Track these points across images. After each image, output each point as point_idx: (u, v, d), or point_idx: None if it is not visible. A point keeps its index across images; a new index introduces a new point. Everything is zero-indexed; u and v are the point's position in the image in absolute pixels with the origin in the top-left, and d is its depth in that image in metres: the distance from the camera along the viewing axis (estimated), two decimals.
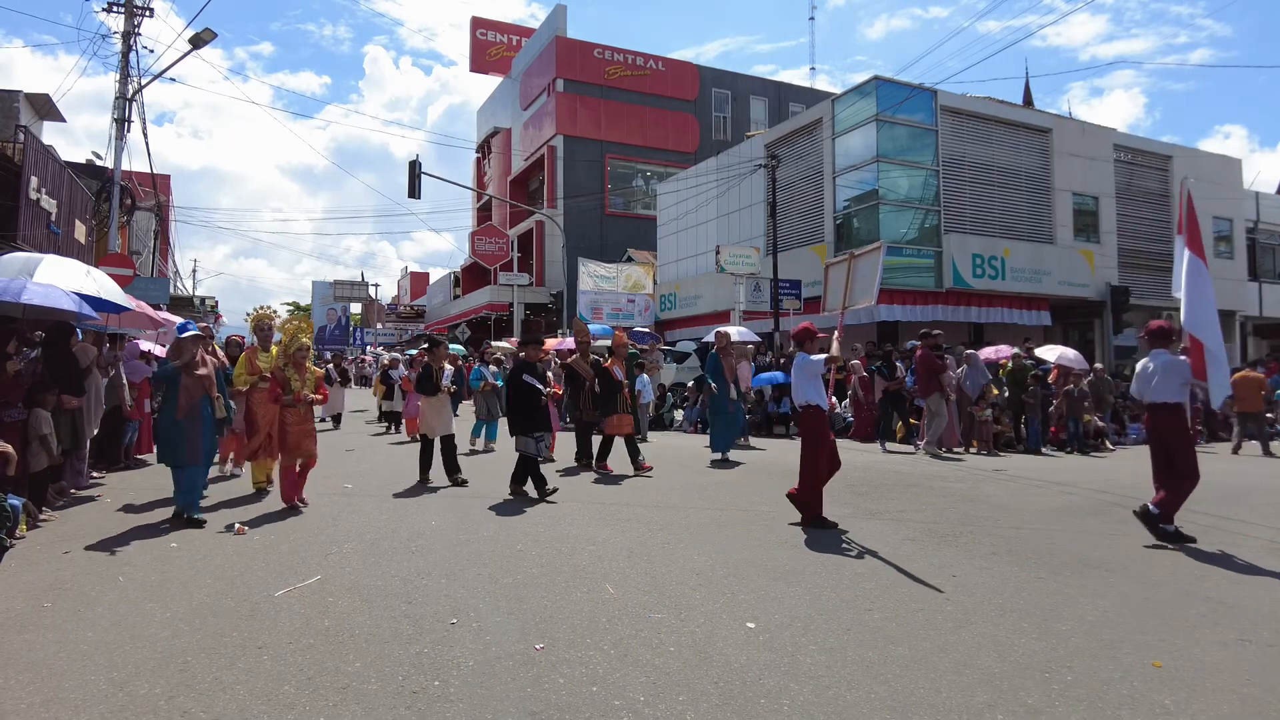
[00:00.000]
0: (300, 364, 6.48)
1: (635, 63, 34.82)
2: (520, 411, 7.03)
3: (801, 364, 6.08)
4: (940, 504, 6.88)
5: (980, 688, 2.98)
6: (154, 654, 3.21)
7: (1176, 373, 5.65)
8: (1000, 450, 11.50)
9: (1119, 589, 4.35)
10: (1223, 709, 2.85)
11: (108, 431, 7.87)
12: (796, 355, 6.23)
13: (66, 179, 14.92)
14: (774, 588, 4.24)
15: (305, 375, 6.50)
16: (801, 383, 6.04)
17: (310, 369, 6.61)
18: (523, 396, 7.04)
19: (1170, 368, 5.67)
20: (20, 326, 6.57)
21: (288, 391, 6.37)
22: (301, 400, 6.37)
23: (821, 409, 5.99)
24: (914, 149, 18.38)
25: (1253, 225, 24.10)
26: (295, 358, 6.46)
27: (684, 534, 5.54)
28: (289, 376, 6.41)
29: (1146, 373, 5.82)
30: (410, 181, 20.70)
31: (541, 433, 7.04)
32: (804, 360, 6.08)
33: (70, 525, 5.66)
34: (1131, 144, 21.78)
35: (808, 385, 6.01)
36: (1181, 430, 5.68)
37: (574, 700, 2.83)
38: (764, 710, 2.78)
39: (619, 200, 34.44)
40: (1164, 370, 5.67)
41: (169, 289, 19.61)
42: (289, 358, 6.48)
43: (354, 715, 2.70)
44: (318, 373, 6.74)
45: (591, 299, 23.70)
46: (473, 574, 4.42)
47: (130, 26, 15.79)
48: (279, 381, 6.41)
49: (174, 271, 27.39)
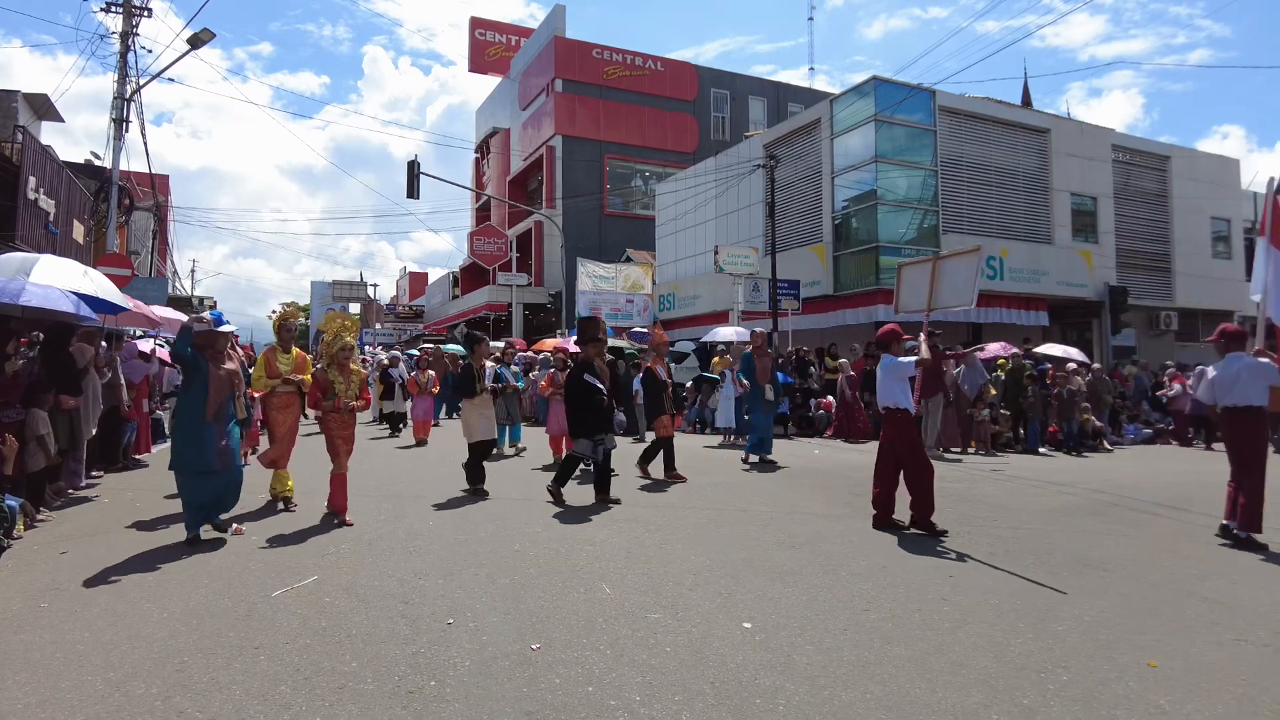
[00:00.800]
0: (344, 365, 5.99)
1: (634, 63, 34.81)
2: (582, 413, 6.70)
3: (890, 366, 5.97)
4: (938, 504, 6.88)
5: (976, 688, 2.99)
6: (151, 654, 3.21)
7: (1263, 375, 5.58)
8: (998, 450, 11.52)
9: (1116, 589, 4.36)
10: (1217, 709, 2.86)
11: (106, 432, 7.86)
12: (883, 358, 6.11)
13: (65, 179, 14.91)
14: (771, 588, 4.25)
15: (349, 378, 6.00)
16: (890, 385, 5.95)
17: (354, 370, 6.09)
18: (585, 397, 6.68)
19: (1256, 370, 5.59)
20: (18, 327, 6.57)
21: (330, 395, 5.88)
22: (343, 407, 5.88)
23: (909, 412, 5.94)
24: (912, 149, 18.38)
25: (1251, 226, 24.11)
26: (339, 358, 5.97)
27: (681, 534, 5.54)
28: (332, 379, 5.92)
29: (1226, 376, 5.69)
30: (409, 182, 20.69)
31: (603, 435, 6.75)
32: (893, 363, 5.97)
33: (68, 525, 5.65)
34: (1130, 144, 21.80)
35: (896, 388, 5.93)
36: (1263, 432, 5.63)
37: (570, 700, 2.83)
38: (759, 710, 2.78)
39: (618, 200, 34.43)
40: (1249, 373, 5.59)
41: (167, 289, 19.58)
42: (331, 358, 5.99)
43: (350, 715, 2.70)
44: (361, 374, 6.20)
45: (590, 299, 23.70)
46: (470, 574, 4.42)
47: (128, 26, 15.77)
48: (321, 385, 5.95)
49: (172, 272, 27.34)
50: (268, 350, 6.66)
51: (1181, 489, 8.12)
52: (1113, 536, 5.74)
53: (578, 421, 6.75)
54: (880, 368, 6.10)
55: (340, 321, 6.13)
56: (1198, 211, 22.04)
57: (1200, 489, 8.04)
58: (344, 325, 6.09)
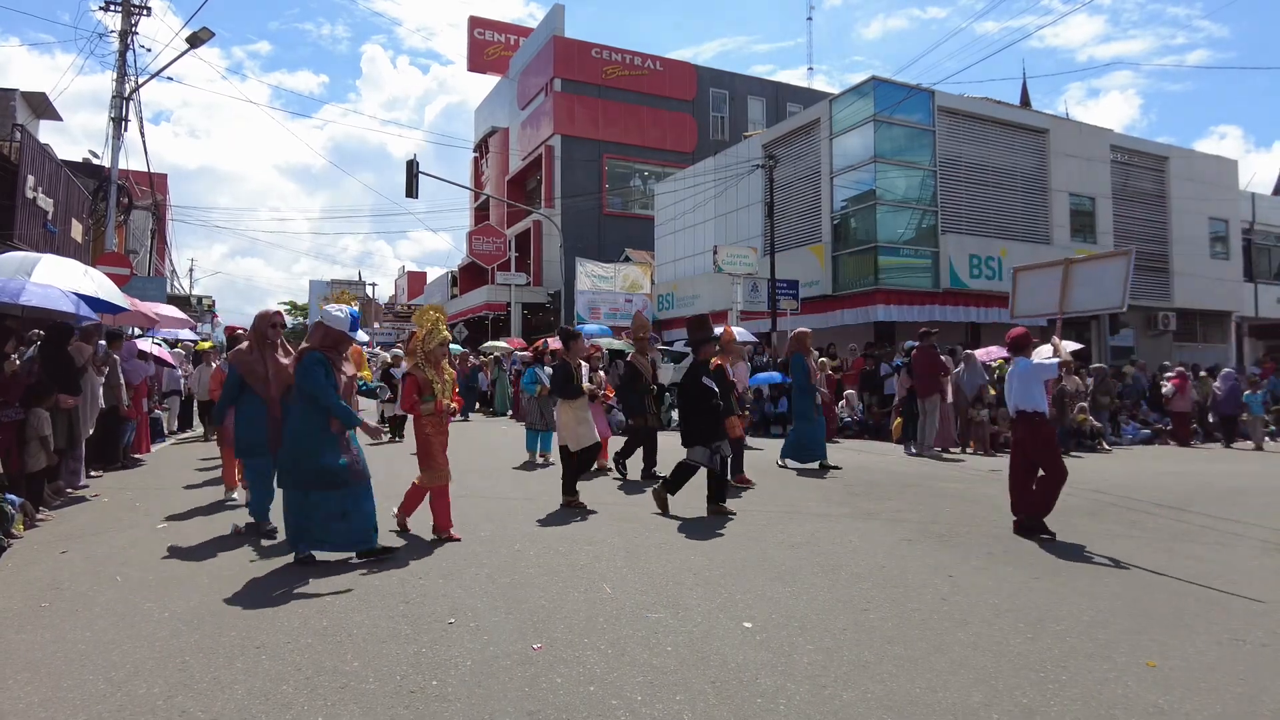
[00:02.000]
0: (438, 363, 5.36)
1: (633, 62, 34.79)
2: (699, 418, 6.22)
3: (1027, 369, 5.82)
4: (937, 504, 6.91)
5: (976, 687, 3.00)
6: (152, 653, 3.21)
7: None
8: (997, 451, 11.53)
9: (1114, 589, 4.38)
10: (1216, 708, 2.87)
11: (105, 431, 7.85)
12: (1016, 361, 5.95)
13: (63, 178, 14.89)
14: (771, 587, 4.26)
15: (445, 377, 5.39)
16: (1027, 388, 5.82)
17: (447, 369, 5.49)
18: (702, 400, 6.24)
19: None
20: (17, 326, 6.56)
21: (428, 396, 5.25)
22: (444, 410, 5.31)
23: (1045, 414, 5.84)
24: (911, 149, 18.39)
25: (1249, 226, 24.16)
26: (436, 354, 5.32)
27: (682, 534, 5.55)
28: (430, 378, 5.26)
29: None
30: (408, 181, 20.67)
31: (719, 442, 6.23)
32: (1030, 365, 5.83)
33: (68, 525, 5.65)
34: (1128, 145, 21.83)
35: (1035, 390, 5.81)
36: None
37: (571, 700, 2.84)
38: (760, 709, 2.79)
39: (617, 200, 34.42)
40: None
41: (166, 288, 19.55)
42: (427, 354, 5.31)
43: (352, 715, 2.71)
44: (452, 373, 5.61)
45: (589, 299, 23.71)
46: (470, 573, 4.42)
47: (127, 25, 15.75)
48: (419, 384, 5.27)
49: (171, 271, 27.34)
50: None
51: (1180, 489, 8.14)
52: (1111, 537, 5.76)
53: (694, 427, 6.25)
54: (1016, 371, 5.92)
55: (435, 314, 5.43)
56: (1196, 212, 22.07)
57: (1196, 489, 8.07)
58: (439, 318, 5.41)
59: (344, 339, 4.72)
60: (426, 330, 5.30)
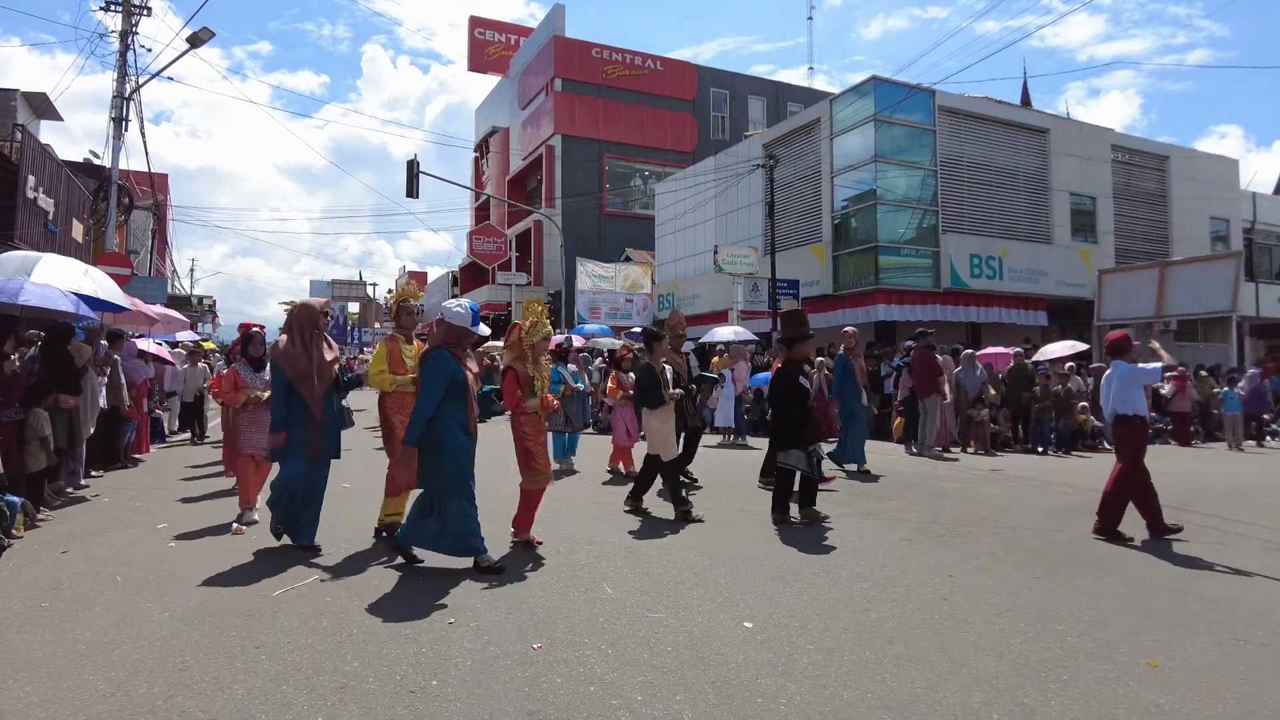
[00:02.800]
0: (539, 358, 5.11)
1: (633, 62, 34.81)
2: (795, 419, 5.98)
3: (1129, 373, 5.75)
4: (937, 504, 6.90)
5: (977, 687, 2.99)
6: (152, 653, 3.21)
7: None
8: (997, 450, 11.53)
9: (1115, 589, 4.37)
10: (1217, 708, 2.86)
11: (105, 431, 7.85)
12: (1115, 364, 5.90)
13: (64, 178, 14.89)
14: (771, 587, 4.25)
15: (545, 373, 5.16)
16: (1128, 392, 5.75)
17: (545, 365, 5.25)
18: (798, 401, 6.01)
19: None
20: (18, 326, 6.56)
21: (531, 393, 4.99)
22: (549, 406, 5.11)
23: (1145, 419, 5.80)
24: (912, 149, 18.40)
25: (1249, 226, 24.15)
26: (538, 350, 5.07)
27: (682, 534, 5.55)
28: (532, 374, 5.01)
29: None
30: (408, 181, 20.68)
31: (815, 444, 6.01)
32: (1132, 369, 5.75)
33: (68, 525, 5.65)
34: (1129, 144, 21.84)
35: (1137, 394, 5.74)
36: None
37: (572, 700, 2.84)
38: (761, 709, 2.79)
39: (617, 200, 34.43)
40: None
41: (166, 288, 19.58)
42: (529, 349, 5.03)
43: (352, 714, 2.70)
44: (548, 369, 5.41)
45: (590, 299, 23.71)
46: (470, 573, 4.42)
47: (128, 25, 15.76)
48: (521, 380, 5.00)
49: (172, 271, 27.38)
50: (389, 338, 5.48)
51: (1180, 489, 8.13)
52: None
53: (789, 429, 5.99)
54: (1115, 374, 5.86)
55: (539, 308, 5.14)
56: (1197, 211, 22.07)
57: (1196, 488, 8.05)
58: (542, 311, 5.12)
59: (467, 334, 4.51)
60: (531, 323, 5.01)
